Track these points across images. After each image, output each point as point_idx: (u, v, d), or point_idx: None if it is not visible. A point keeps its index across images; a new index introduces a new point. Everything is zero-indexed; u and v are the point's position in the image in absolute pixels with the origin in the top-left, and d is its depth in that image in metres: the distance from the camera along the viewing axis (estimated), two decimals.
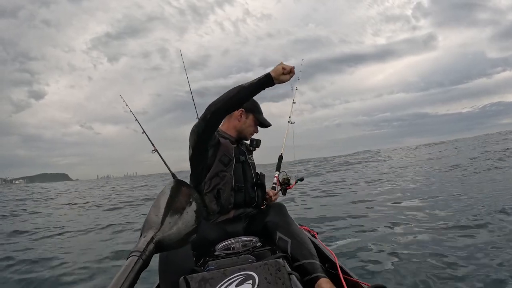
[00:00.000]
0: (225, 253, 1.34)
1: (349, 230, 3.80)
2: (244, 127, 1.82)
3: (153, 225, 0.79)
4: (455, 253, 2.57)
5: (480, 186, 6.10)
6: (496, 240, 2.85)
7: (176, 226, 0.87)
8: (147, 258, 0.68)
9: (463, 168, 9.62)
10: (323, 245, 1.67)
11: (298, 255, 1.33)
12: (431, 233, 3.19)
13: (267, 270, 0.97)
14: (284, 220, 1.50)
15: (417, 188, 6.82)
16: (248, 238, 1.48)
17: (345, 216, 4.62)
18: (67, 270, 3.45)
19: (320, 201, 6.56)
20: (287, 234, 1.41)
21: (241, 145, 1.86)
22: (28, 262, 3.81)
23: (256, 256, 1.24)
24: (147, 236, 0.74)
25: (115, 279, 0.59)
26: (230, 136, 1.80)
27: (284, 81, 1.46)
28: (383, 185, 8.16)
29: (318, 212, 5.31)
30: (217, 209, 1.64)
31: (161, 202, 0.95)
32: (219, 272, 0.97)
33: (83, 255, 4.02)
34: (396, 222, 3.85)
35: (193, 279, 0.95)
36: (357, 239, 3.34)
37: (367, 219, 4.28)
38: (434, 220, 3.80)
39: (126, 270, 0.62)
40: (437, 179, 7.94)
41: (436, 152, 17.84)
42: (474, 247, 2.69)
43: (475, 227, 3.32)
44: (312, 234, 1.96)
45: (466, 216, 3.80)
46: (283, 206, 1.62)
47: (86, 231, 5.80)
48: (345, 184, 9.55)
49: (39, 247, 4.71)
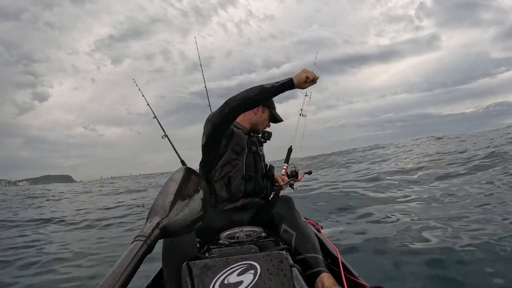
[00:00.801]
0: (229, 241, 1.36)
1: (356, 226, 3.78)
2: (259, 120, 1.86)
3: (160, 210, 0.81)
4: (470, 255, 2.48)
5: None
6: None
7: (182, 213, 0.88)
8: (152, 243, 0.69)
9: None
10: (327, 240, 1.68)
11: (301, 248, 1.34)
12: (446, 233, 3.08)
13: (269, 261, 0.97)
14: (290, 213, 1.50)
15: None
16: (252, 228, 1.48)
17: (355, 210, 4.58)
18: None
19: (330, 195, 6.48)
20: (292, 227, 1.42)
21: (253, 136, 1.88)
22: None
23: (260, 246, 1.25)
24: (152, 222, 0.75)
25: (118, 262, 0.60)
26: (243, 128, 1.83)
27: (304, 88, 1.54)
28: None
29: (327, 205, 5.29)
30: (227, 196, 1.66)
31: (169, 188, 0.96)
32: (221, 260, 0.98)
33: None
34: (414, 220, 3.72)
35: (196, 266, 0.97)
36: (363, 235, 3.32)
37: (379, 214, 4.19)
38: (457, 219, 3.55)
39: (130, 254, 0.63)
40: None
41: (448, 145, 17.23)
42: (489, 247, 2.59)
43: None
44: (317, 228, 1.97)
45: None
46: (291, 199, 1.62)
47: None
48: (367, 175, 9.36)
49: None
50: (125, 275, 0.58)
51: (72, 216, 7.74)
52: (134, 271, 0.60)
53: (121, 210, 8.12)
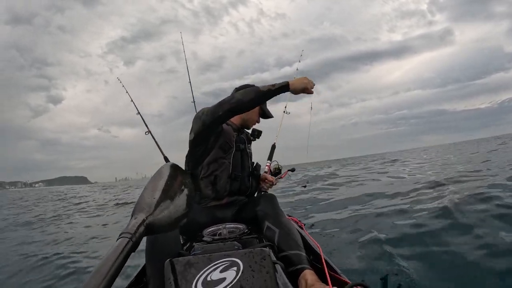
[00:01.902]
0: (212, 238, 1.36)
1: (338, 224, 3.83)
2: (249, 116, 1.82)
3: (145, 207, 0.80)
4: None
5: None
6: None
7: (167, 210, 0.88)
8: (137, 240, 0.69)
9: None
10: (310, 237, 1.70)
11: (284, 245, 1.35)
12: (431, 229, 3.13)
13: (252, 258, 0.98)
14: (274, 211, 1.51)
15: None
16: (236, 225, 1.49)
17: (339, 210, 4.64)
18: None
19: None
20: (275, 224, 1.43)
21: (242, 133, 1.86)
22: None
23: (243, 243, 1.25)
24: (138, 218, 0.75)
25: (103, 259, 0.60)
26: (232, 124, 1.80)
27: (297, 94, 1.55)
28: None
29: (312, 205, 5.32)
30: (212, 195, 1.65)
31: (154, 185, 0.96)
32: (204, 257, 0.98)
33: None
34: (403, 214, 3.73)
35: (179, 262, 0.97)
36: (346, 233, 3.37)
37: (367, 213, 4.24)
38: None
39: (116, 251, 0.62)
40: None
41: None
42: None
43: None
44: (300, 225, 1.99)
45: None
46: (274, 196, 1.63)
47: None
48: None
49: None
50: (111, 272, 0.58)
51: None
52: (119, 268, 0.60)
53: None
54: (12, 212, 11.76)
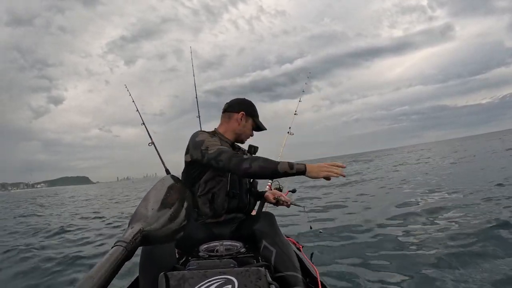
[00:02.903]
0: (208, 254, 1.34)
1: (337, 246, 3.77)
2: (243, 130, 1.79)
3: (142, 217, 0.80)
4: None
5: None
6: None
7: (165, 222, 0.87)
8: (132, 249, 0.69)
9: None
10: (307, 259, 1.67)
11: (281, 266, 1.33)
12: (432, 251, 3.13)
13: (247, 277, 0.96)
14: (272, 230, 1.49)
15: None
16: (232, 243, 1.47)
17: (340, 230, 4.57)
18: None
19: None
20: (273, 244, 1.41)
21: (239, 150, 1.86)
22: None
23: (239, 261, 1.24)
24: (134, 228, 0.74)
25: (97, 266, 0.60)
26: (227, 140, 1.78)
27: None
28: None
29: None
30: (210, 213, 1.62)
31: (153, 196, 0.95)
32: (199, 273, 0.97)
33: None
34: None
35: (173, 276, 0.95)
36: (344, 258, 3.32)
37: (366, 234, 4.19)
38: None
39: (110, 259, 0.62)
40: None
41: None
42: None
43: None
44: (298, 247, 1.97)
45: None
46: (272, 215, 1.62)
47: None
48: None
49: None
50: (102, 279, 0.57)
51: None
52: (112, 276, 0.59)
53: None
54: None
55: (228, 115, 1.79)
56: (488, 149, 19.07)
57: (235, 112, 1.77)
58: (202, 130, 1.74)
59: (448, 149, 29.40)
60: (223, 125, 1.81)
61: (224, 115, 1.82)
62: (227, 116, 1.79)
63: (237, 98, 1.85)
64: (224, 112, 1.82)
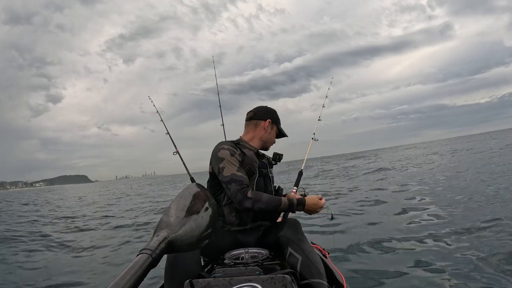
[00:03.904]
0: (234, 262, 1.34)
1: (364, 251, 3.67)
2: (269, 137, 1.83)
3: (167, 225, 0.82)
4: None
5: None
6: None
7: (190, 229, 0.88)
8: (157, 257, 0.70)
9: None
10: (333, 266, 1.64)
11: (306, 273, 1.31)
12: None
13: (273, 284, 0.96)
14: (297, 237, 1.47)
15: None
16: (258, 250, 1.46)
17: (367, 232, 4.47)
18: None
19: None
20: (298, 251, 1.40)
21: (263, 157, 1.86)
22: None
23: (264, 269, 1.23)
24: (160, 236, 0.76)
25: (122, 273, 0.61)
26: (253, 148, 1.79)
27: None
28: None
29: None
30: (236, 221, 1.63)
31: (178, 204, 0.97)
32: (225, 280, 0.97)
33: None
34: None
35: (198, 284, 0.96)
36: (370, 260, 3.23)
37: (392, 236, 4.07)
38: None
39: (134, 266, 0.63)
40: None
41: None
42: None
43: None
44: (324, 253, 1.93)
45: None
46: (298, 222, 1.60)
47: None
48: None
49: None
50: (128, 286, 0.58)
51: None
52: (137, 284, 0.61)
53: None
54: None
55: (255, 122, 1.82)
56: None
57: (262, 120, 1.81)
58: (225, 142, 1.74)
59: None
60: (249, 133, 1.83)
61: (249, 123, 1.84)
62: (253, 124, 1.82)
63: (261, 106, 1.88)
64: (250, 120, 1.84)
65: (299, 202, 1.59)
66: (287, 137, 1.93)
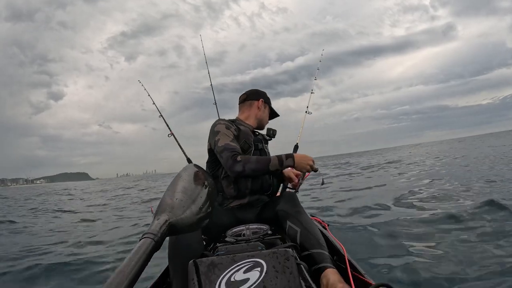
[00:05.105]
0: (236, 239, 1.35)
1: (363, 222, 3.75)
2: (263, 116, 1.93)
3: (167, 208, 0.81)
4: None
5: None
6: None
7: (190, 210, 0.88)
8: (160, 240, 0.70)
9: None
10: (333, 237, 1.67)
11: (306, 244, 1.33)
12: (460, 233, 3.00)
13: (275, 258, 0.97)
14: (295, 210, 1.49)
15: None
16: (259, 226, 1.48)
17: (366, 208, 4.56)
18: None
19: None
20: (297, 223, 1.41)
21: (257, 134, 1.90)
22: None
23: (266, 244, 1.24)
24: (160, 219, 0.75)
25: (127, 260, 0.61)
26: (249, 126, 1.86)
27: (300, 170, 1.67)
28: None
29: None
30: (234, 193, 1.67)
31: (176, 186, 0.96)
32: (228, 258, 0.98)
33: None
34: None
35: (203, 263, 0.97)
36: (369, 232, 3.30)
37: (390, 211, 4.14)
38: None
39: (138, 251, 0.63)
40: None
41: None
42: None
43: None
44: (323, 225, 1.96)
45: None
46: (295, 195, 1.62)
47: None
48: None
49: None
50: (134, 272, 0.58)
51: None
52: (142, 268, 0.61)
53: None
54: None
55: (249, 103, 1.92)
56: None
57: (255, 100, 1.91)
58: (221, 119, 1.80)
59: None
60: (245, 113, 1.92)
61: (244, 104, 1.94)
62: (247, 105, 1.92)
63: (251, 89, 1.98)
64: (244, 101, 1.93)
65: (288, 155, 1.60)
66: (278, 116, 2.04)
